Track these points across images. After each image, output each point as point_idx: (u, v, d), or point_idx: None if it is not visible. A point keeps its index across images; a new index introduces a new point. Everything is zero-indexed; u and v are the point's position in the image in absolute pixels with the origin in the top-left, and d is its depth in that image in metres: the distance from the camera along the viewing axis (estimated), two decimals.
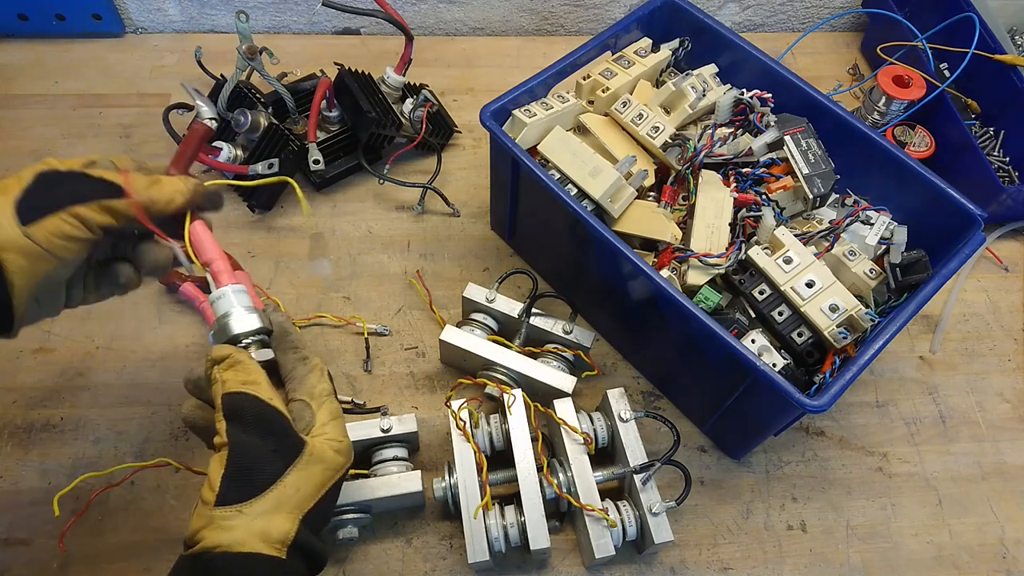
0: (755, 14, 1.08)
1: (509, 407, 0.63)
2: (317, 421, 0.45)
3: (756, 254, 0.62)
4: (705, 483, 0.69)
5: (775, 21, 1.09)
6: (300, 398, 0.46)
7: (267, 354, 0.47)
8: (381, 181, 0.84)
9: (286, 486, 0.42)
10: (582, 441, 0.62)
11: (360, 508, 0.60)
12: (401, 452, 0.64)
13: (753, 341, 0.60)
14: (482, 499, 0.58)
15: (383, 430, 0.63)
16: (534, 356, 0.68)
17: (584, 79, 0.72)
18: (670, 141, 0.68)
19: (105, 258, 0.51)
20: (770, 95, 0.71)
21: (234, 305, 0.47)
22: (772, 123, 0.70)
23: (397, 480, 0.61)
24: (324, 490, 0.44)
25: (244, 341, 0.46)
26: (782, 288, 0.61)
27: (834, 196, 0.70)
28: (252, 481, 0.41)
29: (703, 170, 0.68)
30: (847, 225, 0.64)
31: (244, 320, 0.47)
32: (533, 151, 0.68)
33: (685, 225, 0.67)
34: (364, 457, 0.64)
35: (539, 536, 0.57)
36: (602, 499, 0.60)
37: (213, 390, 0.44)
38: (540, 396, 0.64)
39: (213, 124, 0.50)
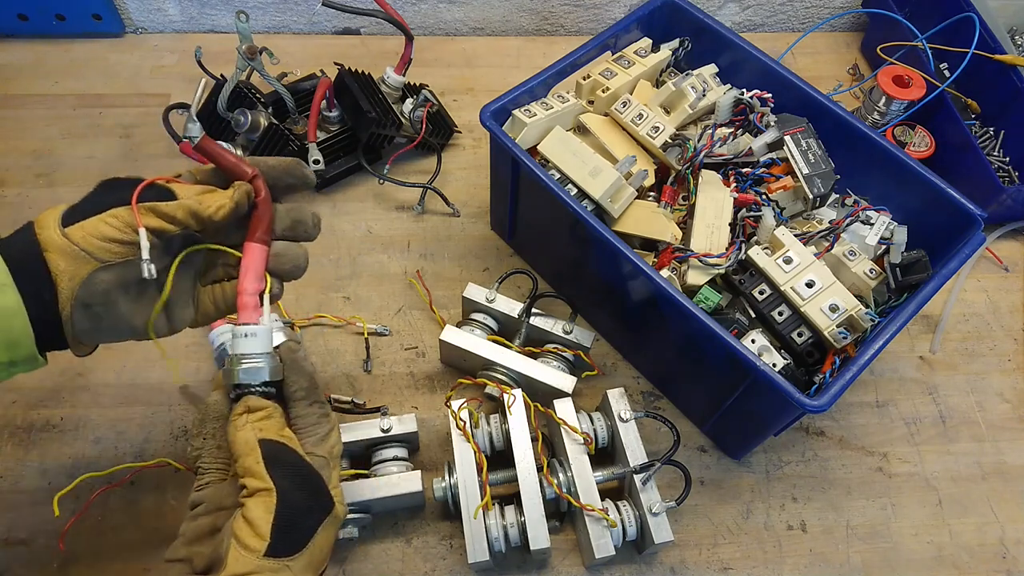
0: (755, 14, 1.08)
1: (509, 407, 0.63)
2: (332, 481, 0.45)
3: (756, 254, 0.62)
4: (705, 483, 0.69)
5: (775, 21, 1.09)
6: (321, 455, 0.45)
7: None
8: (381, 181, 0.84)
9: (315, 545, 0.42)
10: (582, 441, 0.62)
11: (360, 508, 0.60)
12: (401, 452, 0.64)
13: (753, 341, 0.60)
14: (482, 499, 0.58)
15: (383, 430, 0.63)
16: (534, 356, 0.68)
17: (584, 79, 0.72)
18: (670, 141, 0.68)
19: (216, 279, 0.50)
20: (770, 95, 0.71)
21: (260, 349, 0.45)
22: (772, 123, 0.70)
23: (397, 480, 0.61)
24: (331, 548, 0.44)
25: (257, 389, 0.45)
26: (782, 288, 0.60)
27: (834, 196, 0.70)
28: (297, 535, 0.41)
29: (703, 170, 0.68)
30: (847, 225, 0.64)
31: (268, 371, 0.45)
32: (533, 151, 0.68)
33: (685, 225, 0.67)
34: (364, 457, 0.64)
35: (539, 536, 0.57)
36: (602, 499, 0.60)
37: (240, 435, 0.43)
38: (540, 396, 0.64)
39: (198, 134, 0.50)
